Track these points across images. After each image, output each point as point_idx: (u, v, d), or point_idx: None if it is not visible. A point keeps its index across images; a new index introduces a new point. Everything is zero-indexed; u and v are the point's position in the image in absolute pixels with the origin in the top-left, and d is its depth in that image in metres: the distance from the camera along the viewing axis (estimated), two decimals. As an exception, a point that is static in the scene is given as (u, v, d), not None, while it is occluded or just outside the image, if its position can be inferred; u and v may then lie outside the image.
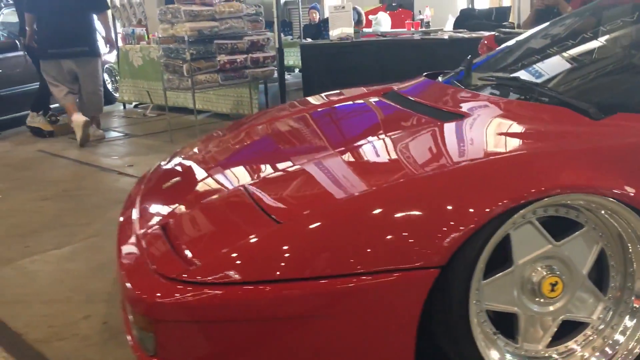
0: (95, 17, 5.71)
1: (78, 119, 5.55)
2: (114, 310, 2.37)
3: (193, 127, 5.84)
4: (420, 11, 9.68)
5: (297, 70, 7.33)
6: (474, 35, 4.58)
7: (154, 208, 2.09)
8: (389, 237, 1.52)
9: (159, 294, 1.55)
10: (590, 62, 2.41)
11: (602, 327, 1.76)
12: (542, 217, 1.66)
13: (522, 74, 2.35)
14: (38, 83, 6.15)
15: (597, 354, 1.75)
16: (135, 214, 2.09)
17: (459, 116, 2.05)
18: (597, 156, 1.69)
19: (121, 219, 2.15)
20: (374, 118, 2.46)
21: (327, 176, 1.84)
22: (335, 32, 5.91)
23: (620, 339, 1.74)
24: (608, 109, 1.85)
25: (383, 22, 9.45)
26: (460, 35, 4.64)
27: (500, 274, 1.64)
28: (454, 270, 1.53)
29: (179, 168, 2.44)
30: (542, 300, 1.68)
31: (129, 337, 1.76)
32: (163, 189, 2.24)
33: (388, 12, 10.16)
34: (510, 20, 6.93)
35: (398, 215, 1.54)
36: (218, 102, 6.88)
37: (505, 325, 1.70)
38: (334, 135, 2.33)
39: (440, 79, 2.77)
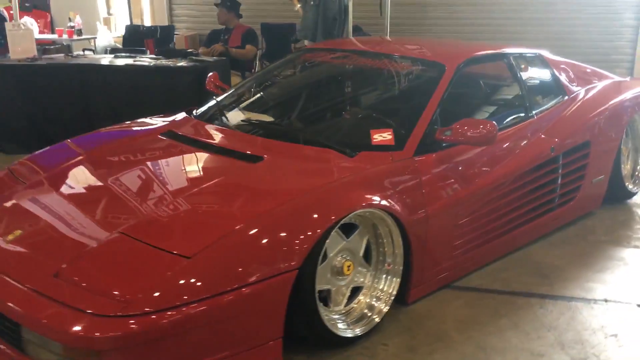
0: None
1: None
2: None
3: None
4: (70, 18, 9.62)
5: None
6: (179, 64, 5.24)
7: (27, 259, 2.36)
8: (261, 256, 2.29)
9: (103, 329, 2.00)
10: (339, 110, 3.60)
11: (372, 284, 2.80)
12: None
13: (288, 119, 3.40)
14: None
15: (374, 298, 2.77)
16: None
17: (260, 158, 2.84)
18: (361, 183, 2.72)
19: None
20: (180, 159, 3.05)
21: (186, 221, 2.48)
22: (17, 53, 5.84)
23: (383, 287, 2.80)
24: (355, 148, 2.89)
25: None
26: (165, 63, 5.27)
27: (321, 265, 2.53)
28: (306, 269, 2.37)
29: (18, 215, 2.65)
30: (342, 277, 2.65)
31: None
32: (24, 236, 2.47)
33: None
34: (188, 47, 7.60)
35: (265, 240, 2.33)
36: None
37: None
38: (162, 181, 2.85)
39: (196, 112, 3.52)
